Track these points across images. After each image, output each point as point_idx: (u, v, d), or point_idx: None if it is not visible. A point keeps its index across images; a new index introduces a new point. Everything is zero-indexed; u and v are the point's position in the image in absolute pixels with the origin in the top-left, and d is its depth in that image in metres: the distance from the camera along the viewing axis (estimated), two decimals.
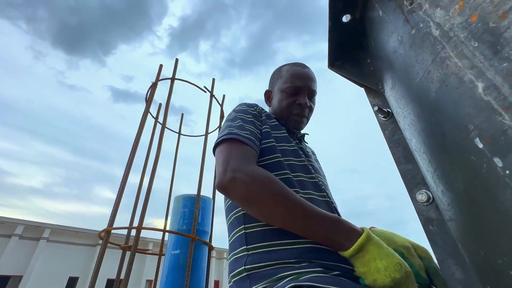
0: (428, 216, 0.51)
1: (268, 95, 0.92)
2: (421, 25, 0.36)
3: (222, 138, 0.59)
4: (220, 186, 0.52)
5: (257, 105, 0.78)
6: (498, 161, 0.25)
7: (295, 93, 0.80)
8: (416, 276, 0.49)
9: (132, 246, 1.47)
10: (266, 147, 0.64)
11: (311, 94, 0.82)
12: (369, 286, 0.42)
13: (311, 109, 0.84)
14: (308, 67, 0.85)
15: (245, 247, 0.54)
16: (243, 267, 0.52)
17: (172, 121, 4.38)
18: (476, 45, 0.28)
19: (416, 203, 0.53)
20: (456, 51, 0.30)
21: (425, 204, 0.52)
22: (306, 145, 0.86)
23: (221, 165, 0.53)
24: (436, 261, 0.51)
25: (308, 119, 0.85)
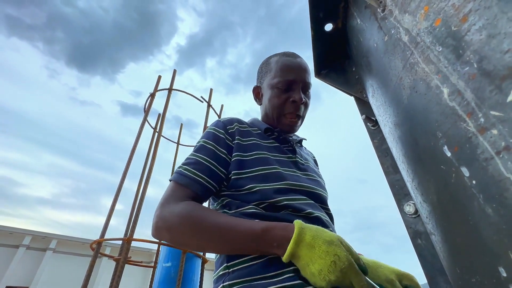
0: (416, 229, 0.48)
1: (257, 92, 0.80)
2: (392, 31, 0.35)
3: (169, 179, 0.61)
4: (152, 235, 0.56)
5: (231, 123, 0.68)
6: (465, 171, 0.24)
7: (287, 88, 0.70)
8: None
9: (121, 258, 1.44)
10: (234, 179, 0.59)
11: (306, 87, 0.71)
12: None
13: (306, 106, 0.73)
14: (299, 56, 0.75)
15: (225, 264, 0.53)
16: (222, 285, 0.50)
17: (181, 134, 4.42)
18: (440, 49, 0.27)
19: (404, 215, 0.51)
20: (423, 56, 0.29)
21: (413, 216, 0.49)
22: (302, 153, 0.78)
23: (154, 212, 0.56)
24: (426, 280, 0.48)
25: (303, 118, 0.75)
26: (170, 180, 0.60)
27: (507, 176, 0.20)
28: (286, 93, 0.70)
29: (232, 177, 0.59)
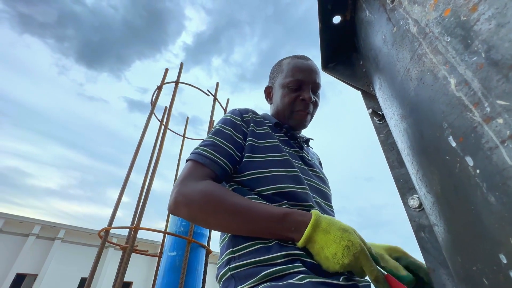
0: (420, 222, 0.48)
1: (268, 92, 0.85)
2: (401, 23, 0.35)
3: (186, 159, 0.63)
4: (168, 210, 0.56)
5: (247, 112, 0.72)
6: (469, 160, 0.24)
7: (297, 88, 0.73)
8: (398, 277, 0.47)
9: (128, 246, 1.48)
10: (246, 161, 0.62)
11: (315, 87, 0.75)
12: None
13: (315, 105, 0.77)
14: (310, 59, 0.79)
15: (231, 249, 0.54)
16: (228, 268, 0.52)
17: (187, 130, 4.46)
18: (448, 40, 0.27)
19: (408, 209, 0.51)
20: (431, 47, 0.29)
21: (417, 210, 0.49)
22: (309, 151, 0.81)
23: (172, 189, 0.57)
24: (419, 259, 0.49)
25: (312, 116, 0.78)
26: (187, 160, 0.62)
27: (510, 165, 0.20)
28: (296, 92, 0.74)
29: (244, 160, 0.62)
